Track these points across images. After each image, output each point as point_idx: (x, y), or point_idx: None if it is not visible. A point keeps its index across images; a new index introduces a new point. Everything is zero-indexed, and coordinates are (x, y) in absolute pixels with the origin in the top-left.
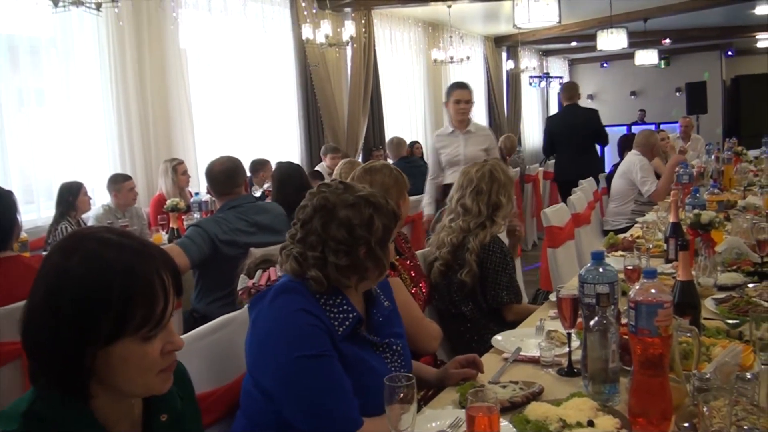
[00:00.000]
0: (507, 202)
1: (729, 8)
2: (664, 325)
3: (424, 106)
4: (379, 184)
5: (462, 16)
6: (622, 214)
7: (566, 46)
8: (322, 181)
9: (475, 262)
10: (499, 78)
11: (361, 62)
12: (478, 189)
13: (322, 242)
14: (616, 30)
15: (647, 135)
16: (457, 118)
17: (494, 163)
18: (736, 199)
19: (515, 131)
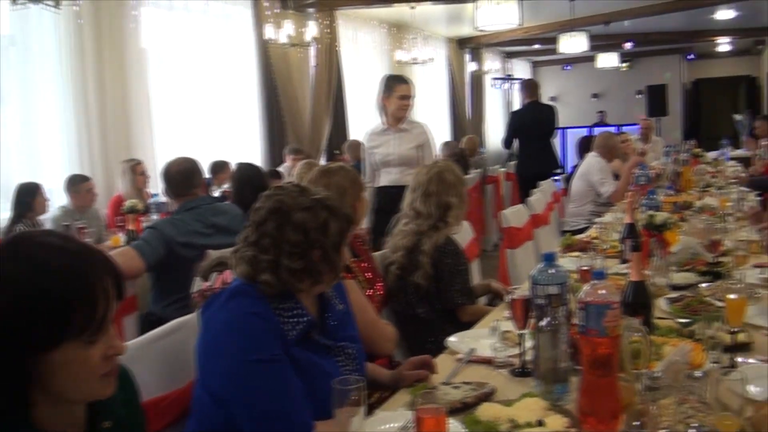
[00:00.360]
0: (458, 202)
1: (690, 13)
2: (612, 326)
3: None
4: (336, 186)
5: (426, 18)
6: (580, 215)
7: (529, 49)
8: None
9: (429, 264)
10: (462, 79)
11: (325, 63)
12: (428, 191)
13: (275, 245)
14: (577, 33)
15: (607, 137)
16: (397, 115)
17: (444, 164)
18: (693, 201)
19: (478, 132)
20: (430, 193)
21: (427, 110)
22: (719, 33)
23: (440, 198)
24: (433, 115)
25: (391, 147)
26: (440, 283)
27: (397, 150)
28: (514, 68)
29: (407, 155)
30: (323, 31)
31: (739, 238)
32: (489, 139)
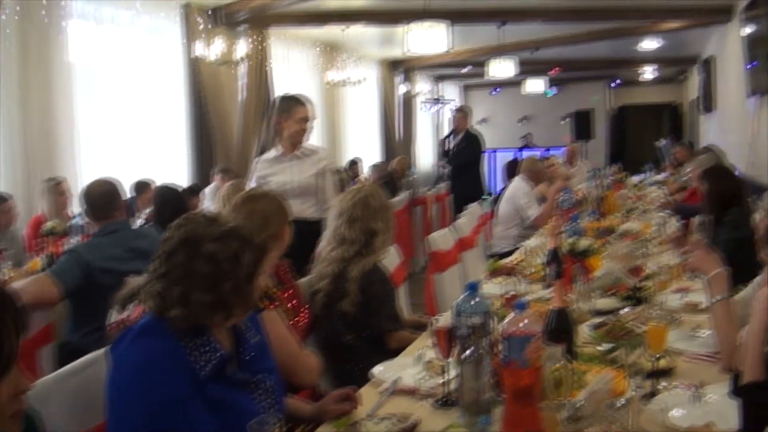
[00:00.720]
0: (384, 228)
1: (615, 42)
2: (534, 357)
3: (319, 130)
4: (260, 213)
5: (358, 39)
6: (507, 238)
7: (459, 72)
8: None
9: (356, 291)
10: (393, 101)
11: (255, 81)
12: (353, 216)
13: (185, 278)
14: (505, 58)
15: (533, 161)
16: (295, 140)
17: (370, 189)
18: (616, 225)
19: (408, 154)
20: (355, 219)
21: (358, 131)
22: (644, 62)
23: (365, 223)
24: (364, 136)
25: (288, 175)
26: (368, 310)
27: (296, 178)
28: (445, 90)
29: (307, 184)
30: (254, 49)
31: (661, 262)
32: (419, 161)
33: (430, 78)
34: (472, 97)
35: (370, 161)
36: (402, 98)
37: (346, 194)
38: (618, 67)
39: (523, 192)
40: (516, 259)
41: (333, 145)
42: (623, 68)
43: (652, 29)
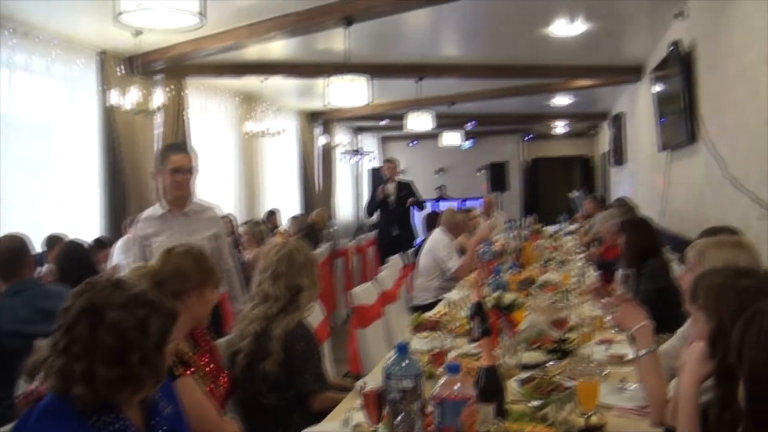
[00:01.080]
0: (309, 284)
1: (529, 97)
2: (469, 422)
3: (236, 180)
4: (175, 269)
5: (277, 91)
6: (428, 290)
7: (378, 124)
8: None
9: (279, 350)
10: (312, 152)
11: (172, 131)
12: (277, 272)
13: (88, 351)
14: (423, 112)
15: (452, 213)
16: (173, 194)
17: (295, 243)
18: (535, 276)
19: (328, 205)
20: (279, 275)
21: (277, 182)
22: (556, 117)
23: (290, 280)
24: (283, 186)
25: (175, 237)
26: (292, 370)
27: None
28: (363, 142)
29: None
30: (171, 99)
31: (582, 314)
32: (339, 212)
33: (349, 130)
34: (390, 149)
35: (289, 212)
36: (321, 149)
37: (271, 249)
38: (531, 122)
39: (443, 244)
40: (439, 313)
41: (251, 195)
42: (536, 122)
43: (564, 86)
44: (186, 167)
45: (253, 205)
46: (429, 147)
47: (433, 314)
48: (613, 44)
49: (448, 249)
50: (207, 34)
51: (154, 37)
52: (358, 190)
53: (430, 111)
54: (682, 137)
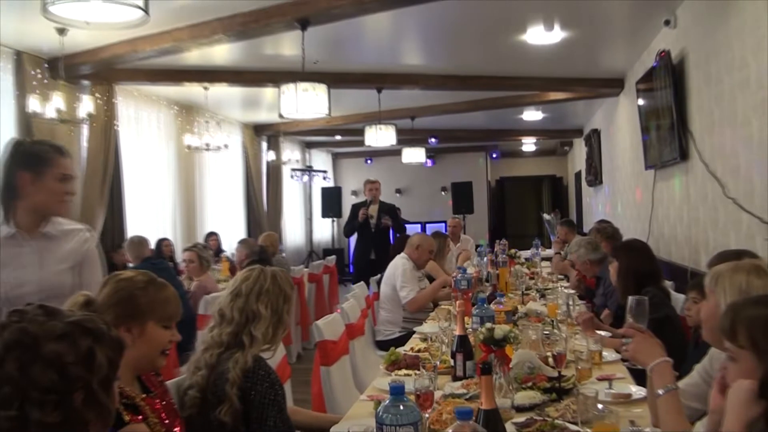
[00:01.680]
0: (270, 315)
1: (496, 112)
2: None
3: (174, 200)
4: (126, 300)
5: (219, 101)
6: (393, 323)
7: (331, 140)
8: None
9: (236, 396)
10: (258, 169)
11: (101, 144)
12: (238, 290)
13: (20, 394)
14: (385, 126)
15: (420, 237)
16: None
17: (276, 270)
18: (515, 305)
19: (276, 228)
20: (239, 294)
21: (219, 202)
22: (526, 133)
23: (247, 303)
24: (226, 207)
25: (29, 269)
26: (251, 417)
27: (38, 273)
28: (314, 159)
29: (59, 283)
30: (100, 108)
31: (574, 347)
32: (288, 237)
33: (299, 145)
34: (342, 167)
35: (232, 236)
36: (268, 166)
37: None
38: (499, 138)
39: (401, 270)
40: (414, 347)
41: (190, 217)
42: (504, 139)
43: (536, 100)
44: (72, 174)
45: (192, 227)
46: (387, 165)
47: (410, 350)
48: (591, 54)
49: (405, 276)
50: (143, 34)
51: (81, 37)
52: (310, 211)
53: (392, 125)
54: (671, 154)
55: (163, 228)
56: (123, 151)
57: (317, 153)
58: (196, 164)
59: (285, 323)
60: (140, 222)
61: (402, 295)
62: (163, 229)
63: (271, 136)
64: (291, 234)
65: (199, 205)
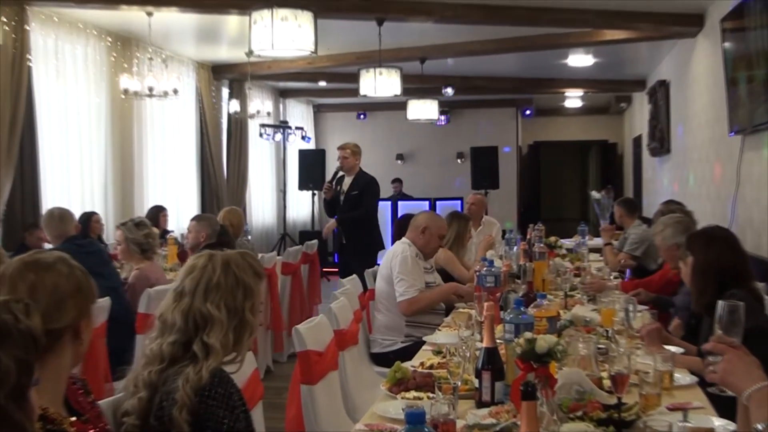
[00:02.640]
0: (226, 317)
1: (531, 56)
2: None
3: (105, 163)
4: (50, 291)
5: (166, 31)
6: (394, 330)
7: (312, 87)
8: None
9: (186, 422)
10: (217, 124)
11: (7, 85)
12: (181, 288)
13: None
14: (386, 70)
15: (429, 218)
16: None
17: (233, 256)
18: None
19: (239, 203)
20: (182, 292)
21: (166, 165)
22: (570, 84)
23: (193, 302)
24: (175, 172)
25: None
26: None
27: None
28: (290, 112)
29: None
30: (6, 37)
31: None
32: (254, 215)
33: (271, 93)
34: (327, 124)
35: (183, 210)
36: (230, 120)
37: (197, 256)
38: (534, 90)
39: (400, 258)
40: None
41: (127, 186)
42: (541, 91)
43: (585, 40)
44: None
45: (129, 198)
46: (387, 123)
47: (419, 365)
48: None
49: (404, 266)
50: None
51: None
52: (284, 181)
53: (396, 69)
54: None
55: (90, 199)
56: (38, 96)
57: (295, 104)
58: (134, 116)
59: (250, 324)
60: (60, 191)
61: (397, 290)
62: (90, 200)
63: (234, 80)
64: (258, 211)
65: (139, 170)
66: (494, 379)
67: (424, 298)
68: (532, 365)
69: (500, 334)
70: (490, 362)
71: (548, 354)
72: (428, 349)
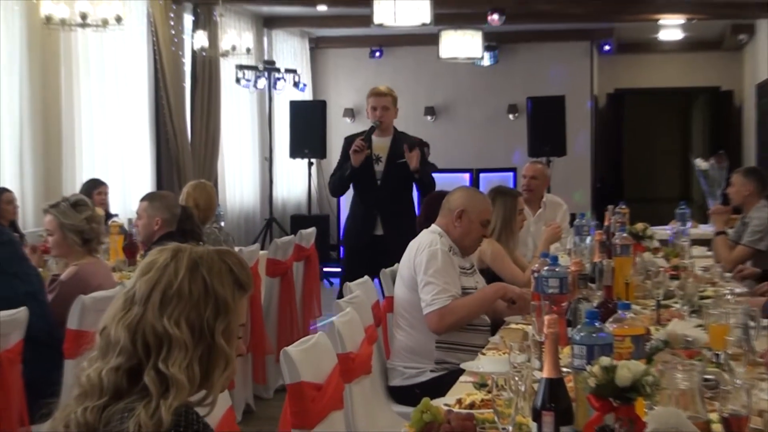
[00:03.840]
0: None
1: None
2: None
3: (21, 115)
4: None
5: None
6: (420, 354)
7: (309, 13)
8: None
9: None
10: (177, 66)
11: None
12: (131, 293)
13: None
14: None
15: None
16: None
17: (213, 252)
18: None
19: (209, 174)
20: (132, 299)
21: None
22: (665, 8)
23: (145, 315)
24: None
25: None
26: None
27: None
28: (277, 50)
29: None
30: None
31: (761, 406)
32: (229, 193)
33: (251, 23)
34: (329, 65)
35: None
36: (195, 59)
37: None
38: (616, 16)
39: (427, 254)
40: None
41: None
42: (626, 18)
43: None
44: None
45: (54, 170)
46: (412, 63)
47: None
48: None
49: (433, 266)
50: None
51: None
52: (270, 146)
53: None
54: None
55: (1, 172)
56: None
57: (284, 38)
58: (61, 54)
59: (223, 354)
60: None
61: (423, 298)
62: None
63: (200, 3)
64: (235, 187)
65: (68, 131)
66: (559, 422)
67: (461, 306)
68: (611, 403)
69: (567, 359)
70: (553, 399)
71: (633, 388)
72: (468, 381)
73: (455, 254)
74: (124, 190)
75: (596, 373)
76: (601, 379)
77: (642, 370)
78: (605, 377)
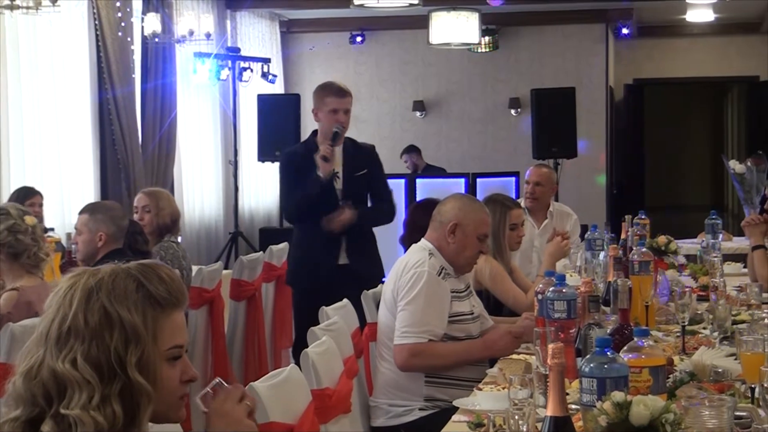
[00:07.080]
0: (93, 378)
1: None
2: None
3: None
4: None
5: None
6: (407, 390)
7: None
8: None
9: None
10: (124, 54)
11: None
12: (39, 333)
13: None
14: None
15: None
16: None
17: (120, 270)
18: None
19: (164, 180)
20: (39, 340)
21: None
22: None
23: (46, 357)
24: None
25: None
26: None
27: None
28: (242, 34)
29: None
30: None
31: None
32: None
33: (211, 3)
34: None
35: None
36: (146, 47)
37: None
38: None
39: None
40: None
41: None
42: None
43: None
44: None
45: None
46: (398, 49)
47: None
48: None
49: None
50: None
51: None
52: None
53: None
54: None
55: None
56: None
57: (251, 20)
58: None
59: (138, 384)
60: None
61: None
62: None
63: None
64: (194, 196)
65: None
66: None
67: (436, 354)
68: None
69: (575, 394)
70: None
71: (651, 427)
72: (461, 420)
73: (447, 276)
74: (61, 200)
75: (608, 411)
76: (613, 417)
77: (661, 407)
78: (618, 415)
